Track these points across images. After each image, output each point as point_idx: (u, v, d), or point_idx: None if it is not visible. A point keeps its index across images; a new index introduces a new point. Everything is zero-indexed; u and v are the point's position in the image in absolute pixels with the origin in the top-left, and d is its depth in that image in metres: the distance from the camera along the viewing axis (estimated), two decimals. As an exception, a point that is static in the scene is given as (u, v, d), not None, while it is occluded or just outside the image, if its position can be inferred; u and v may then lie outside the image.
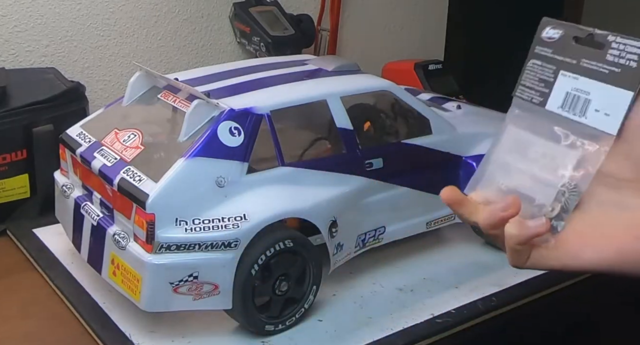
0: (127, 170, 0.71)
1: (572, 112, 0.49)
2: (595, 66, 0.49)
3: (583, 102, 0.49)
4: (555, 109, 0.50)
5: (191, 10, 1.28)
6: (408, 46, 1.59)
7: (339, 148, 0.79)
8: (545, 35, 0.53)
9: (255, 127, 0.72)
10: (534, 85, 0.52)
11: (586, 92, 0.49)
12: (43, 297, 0.81)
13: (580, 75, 0.50)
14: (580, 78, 0.50)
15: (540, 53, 0.53)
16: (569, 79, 0.50)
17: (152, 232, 0.67)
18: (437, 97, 1.05)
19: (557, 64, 0.51)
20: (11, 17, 1.10)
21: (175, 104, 0.77)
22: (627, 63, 0.47)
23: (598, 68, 0.49)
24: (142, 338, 0.72)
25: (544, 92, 0.51)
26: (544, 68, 0.52)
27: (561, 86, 0.50)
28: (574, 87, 0.50)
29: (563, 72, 0.51)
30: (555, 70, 0.51)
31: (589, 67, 0.49)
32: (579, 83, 0.50)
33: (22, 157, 0.95)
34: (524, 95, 0.53)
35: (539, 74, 0.52)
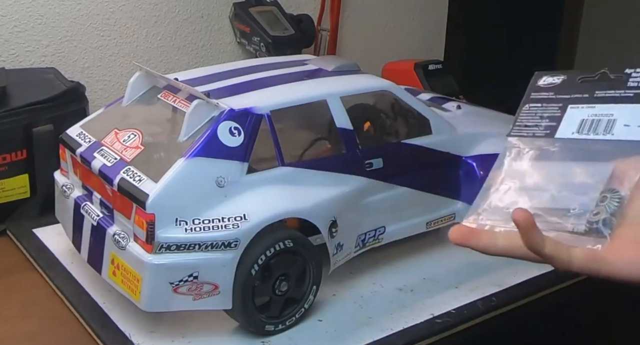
0: (127, 170, 0.71)
1: (594, 133, 0.51)
2: (616, 93, 0.52)
3: (607, 123, 0.51)
4: (569, 135, 0.52)
5: (191, 10, 1.28)
6: (408, 46, 1.59)
7: (339, 148, 0.79)
8: (542, 82, 0.57)
9: (255, 127, 0.72)
10: (535, 123, 0.54)
11: (608, 115, 0.51)
12: (43, 297, 0.81)
13: (596, 103, 0.53)
14: (597, 106, 0.52)
15: (538, 97, 0.56)
16: (581, 109, 0.53)
17: (152, 232, 0.67)
18: (437, 97, 1.05)
19: (563, 102, 0.54)
20: (11, 17, 1.10)
21: (175, 104, 0.77)
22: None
23: (619, 94, 0.52)
24: (142, 338, 0.72)
25: (550, 125, 0.53)
26: (546, 108, 0.55)
27: (572, 117, 0.53)
28: (591, 114, 0.52)
29: (572, 106, 0.54)
30: (561, 106, 0.54)
31: (607, 96, 0.52)
32: (597, 110, 0.52)
33: (22, 157, 0.95)
34: (522, 133, 0.54)
35: (540, 113, 0.55)
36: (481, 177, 0.88)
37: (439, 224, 0.89)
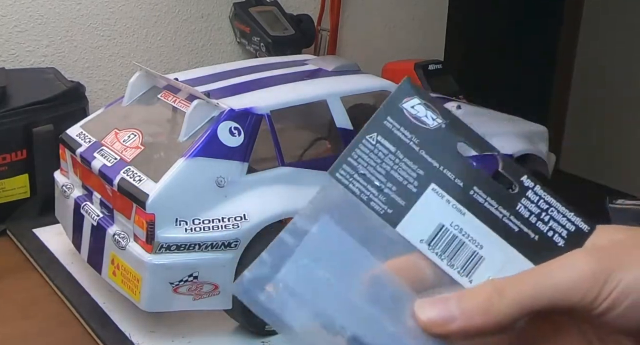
0: (127, 170, 0.71)
1: (449, 261, 0.34)
2: (499, 212, 0.35)
3: (470, 256, 0.34)
4: (416, 242, 0.34)
5: (191, 10, 1.28)
6: (408, 46, 1.58)
7: (339, 148, 0.79)
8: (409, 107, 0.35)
9: (255, 127, 0.72)
10: (373, 178, 0.35)
11: (478, 244, 0.34)
12: (43, 297, 0.81)
13: (470, 211, 0.35)
14: (468, 216, 0.35)
15: (394, 132, 0.35)
16: (446, 205, 0.35)
17: (152, 232, 0.67)
18: (437, 97, 1.05)
19: (427, 169, 0.35)
20: (11, 17, 1.10)
21: (175, 104, 0.77)
22: (550, 234, 0.35)
23: (502, 216, 0.35)
24: (142, 338, 0.72)
25: (395, 203, 0.34)
26: (400, 162, 0.35)
27: (430, 208, 0.35)
28: (457, 225, 0.34)
29: (436, 188, 0.35)
30: (423, 177, 0.35)
31: (486, 208, 0.35)
32: (467, 223, 0.34)
33: (22, 157, 0.95)
34: (353, 187, 0.35)
35: (389, 166, 0.35)
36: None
37: (439, 224, 0.88)
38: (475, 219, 0.34)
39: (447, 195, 0.35)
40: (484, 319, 0.31)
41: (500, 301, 0.31)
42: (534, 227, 0.35)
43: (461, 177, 0.35)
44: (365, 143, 0.35)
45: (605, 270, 0.31)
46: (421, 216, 0.34)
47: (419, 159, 0.35)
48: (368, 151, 0.35)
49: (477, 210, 0.35)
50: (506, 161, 0.36)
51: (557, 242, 0.35)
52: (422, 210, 0.34)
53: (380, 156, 0.35)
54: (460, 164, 0.35)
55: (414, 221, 0.34)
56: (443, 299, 0.33)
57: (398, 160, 0.35)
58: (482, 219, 0.34)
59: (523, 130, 0.98)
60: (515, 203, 0.35)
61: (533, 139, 0.97)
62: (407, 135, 0.35)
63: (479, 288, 0.33)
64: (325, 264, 0.34)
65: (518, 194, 0.35)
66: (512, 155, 0.90)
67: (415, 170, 0.35)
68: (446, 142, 0.35)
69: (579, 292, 0.31)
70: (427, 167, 0.35)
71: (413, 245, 0.34)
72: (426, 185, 0.35)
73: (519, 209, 0.35)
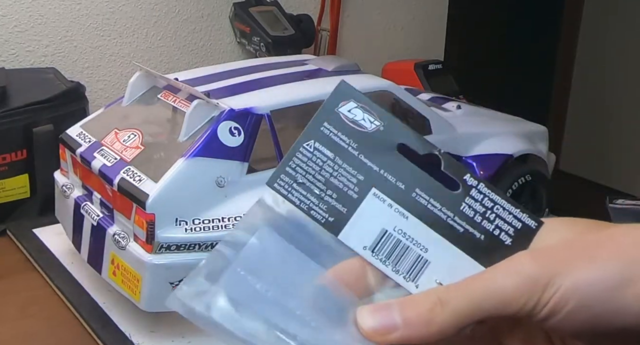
0: (127, 170, 0.71)
1: (393, 267, 0.33)
2: (442, 213, 0.34)
3: (415, 260, 0.34)
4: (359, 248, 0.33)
5: (191, 10, 1.28)
6: (408, 46, 1.59)
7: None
8: (346, 111, 0.34)
9: (255, 127, 0.72)
10: (312, 187, 0.34)
11: (423, 247, 0.33)
12: (43, 297, 0.81)
13: (413, 214, 0.34)
14: (412, 219, 0.34)
15: (331, 137, 0.34)
16: (388, 209, 0.34)
17: (152, 232, 0.67)
18: (437, 97, 1.05)
19: (366, 174, 0.34)
20: (11, 17, 1.10)
21: (175, 104, 0.77)
22: (497, 233, 0.34)
23: (446, 217, 0.34)
24: (142, 338, 0.72)
25: (336, 210, 0.34)
26: (340, 169, 0.34)
27: (372, 213, 0.34)
28: (400, 229, 0.33)
29: (377, 192, 0.34)
30: (363, 182, 0.34)
31: (429, 210, 0.34)
32: (410, 227, 0.33)
33: (22, 157, 0.95)
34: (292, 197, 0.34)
35: (327, 173, 0.34)
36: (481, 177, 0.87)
37: (439, 224, 0.88)
38: (419, 222, 0.34)
39: (388, 199, 0.34)
40: (427, 330, 0.31)
41: (443, 311, 0.31)
42: (480, 226, 0.34)
43: (402, 180, 0.34)
44: (302, 151, 0.34)
45: (547, 275, 0.31)
46: (363, 222, 0.34)
47: (359, 164, 0.34)
48: (306, 159, 0.34)
49: (421, 213, 0.34)
50: (448, 160, 0.35)
51: (504, 240, 0.34)
52: (364, 216, 0.34)
53: (319, 163, 0.34)
54: (401, 166, 0.34)
55: (356, 228, 0.34)
56: (385, 306, 0.32)
57: (337, 167, 0.34)
58: (426, 221, 0.34)
59: (523, 130, 0.98)
60: (459, 203, 0.34)
61: (533, 139, 0.97)
62: (345, 141, 0.34)
63: (422, 297, 0.32)
64: (265, 275, 0.33)
65: (462, 193, 0.34)
66: (512, 155, 0.90)
67: (355, 175, 0.34)
68: (385, 145, 0.34)
69: (520, 300, 0.31)
70: (367, 171, 0.34)
71: (356, 252, 0.33)
72: (367, 190, 0.34)
73: (463, 208, 0.34)
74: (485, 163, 0.88)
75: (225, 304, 0.33)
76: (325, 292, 0.33)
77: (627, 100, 2.14)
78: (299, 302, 0.33)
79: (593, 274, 0.31)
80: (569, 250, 0.32)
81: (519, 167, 0.90)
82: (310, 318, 0.32)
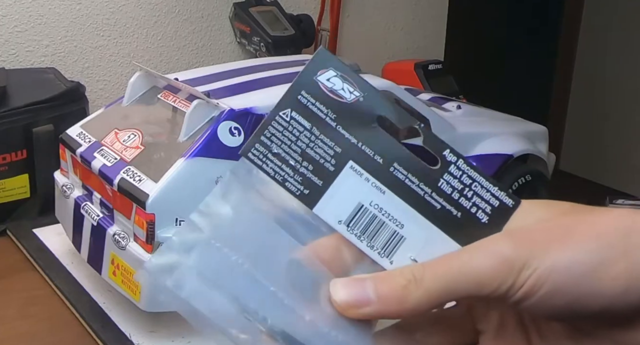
0: (127, 170, 0.71)
1: (368, 241, 0.33)
2: (420, 189, 0.33)
3: (391, 236, 0.33)
4: (334, 223, 0.33)
5: (191, 10, 1.28)
6: (408, 46, 1.59)
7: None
8: (324, 79, 0.33)
9: (255, 127, 0.72)
10: (288, 157, 0.33)
11: (398, 223, 0.33)
12: (43, 297, 0.81)
13: (390, 189, 0.33)
14: (388, 194, 0.33)
15: (309, 107, 0.33)
16: (365, 183, 0.33)
17: (152, 232, 0.67)
18: (437, 97, 1.05)
19: (343, 146, 0.33)
20: (11, 17, 1.10)
21: (175, 104, 0.77)
22: (474, 210, 0.33)
23: (423, 194, 0.33)
24: (142, 338, 0.72)
25: (311, 183, 0.32)
26: (316, 140, 0.33)
27: (348, 188, 0.33)
28: (377, 204, 0.33)
29: (354, 166, 0.33)
30: (339, 155, 0.33)
31: (407, 186, 0.33)
32: (387, 202, 0.33)
33: (22, 157, 0.95)
34: (267, 167, 0.33)
35: (304, 144, 0.33)
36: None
37: (439, 224, 0.88)
38: (396, 197, 0.33)
39: (365, 173, 0.33)
40: (400, 306, 0.31)
41: (417, 289, 0.31)
42: (457, 203, 0.33)
43: (380, 154, 0.33)
44: (278, 120, 0.33)
45: (522, 256, 0.31)
46: (339, 196, 0.33)
47: (336, 136, 0.33)
48: (282, 129, 0.33)
49: (398, 188, 0.33)
50: (428, 134, 0.34)
51: (481, 218, 0.33)
52: (340, 190, 0.33)
53: (295, 134, 0.33)
54: (379, 139, 0.33)
55: (331, 201, 0.33)
56: (359, 279, 0.32)
57: (314, 138, 0.33)
58: (403, 197, 0.33)
59: (523, 130, 0.98)
60: (437, 179, 0.33)
61: (533, 139, 0.97)
62: (323, 110, 0.33)
63: (397, 273, 0.32)
64: (240, 248, 0.32)
65: (440, 169, 0.33)
66: (512, 155, 0.90)
67: (332, 147, 0.33)
68: (364, 117, 0.33)
69: (495, 281, 0.31)
70: (344, 143, 0.33)
71: (331, 226, 0.33)
72: (344, 163, 0.33)
73: (440, 185, 0.33)
74: (485, 163, 0.88)
75: (196, 281, 0.32)
76: (301, 267, 0.32)
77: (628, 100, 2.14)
78: (273, 277, 0.32)
79: (569, 257, 0.31)
80: (546, 233, 0.32)
81: (519, 167, 0.90)
82: (284, 295, 0.32)
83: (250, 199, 0.33)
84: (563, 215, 0.34)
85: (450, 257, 0.32)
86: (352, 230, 0.33)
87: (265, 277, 0.32)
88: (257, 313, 0.31)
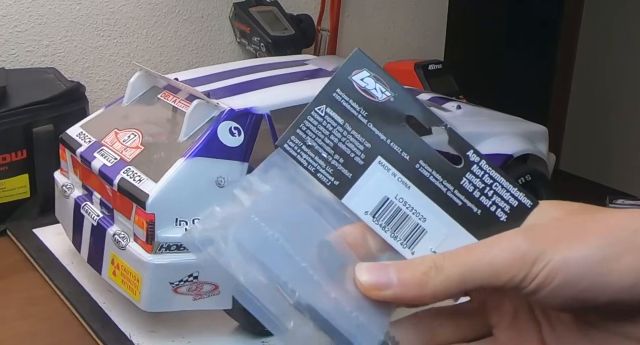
0: (127, 170, 0.71)
1: (392, 233, 0.35)
2: (443, 186, 0.35)
3: (413, 229, 0.35)
4: (361, 213, 0.35)
5: (191, 10, 1.28)
6: (408, 46, 1.59)
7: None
8: (359, 79, 0.35)
9: (255, 127, 0.72)
10: (322, 149, 0.35)
11: (420, 217, 0.35)
12: (43, 297, 0.81)
13: (415, 185, 0.35)
14: (413, 189, 0.35)
15: (342, 104, 0.35)
16: (392, 178, 0.35)
17: (152, 232, 0.67)
18: (437, 97, 1.05)
19: (374, 142, 0.35)
20: (11, 17, 1.10)
21: (175, 104, 0.77)
22: (493, 209, 0.35)
23: (446, 190, 0.35)
24: (142, 338, 0.72)
25: (341, 174, 0.35)
26: (348, 135, 0.35)
27: (375, 181, 0.35)
28: (401, 198, 0.35)
29: (382, 161, 0.35)
30: (370, 150, 0.35)
31: (431, 182, 0.35)
32: (411, 196, 0.35)
33: (22, 157, 0.95)
34: (301, 158, 0.35)
35: (336, 138, 0.35)
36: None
37: (439, 224, 0.89)
38: (420, 192, 0.35)
39: (393, 168, 0.35)
40: (419, 291, 0.33)
41: (436, 276, 0.33)
42: (478, 201, 0.35)
43: (407, 151, 0.35)
44: (314, 115, 0.35)
45: (536, 250, 0.32)
46: (367, 188, 0.35)
47: (367, 132, 0.35)
48: (317, 123, 0.35)
49: (422, 184, 0.35)
50: (453, 135, 0.36)
51: (500, 217, 0.35)
52: (368, 183, 0.35)
53: (329, 128, 0.35)
54: (407, 137, 0.36)
55: (359, 193, 0.35)
56: (383, 265, 0.34)
57: (346, 133, 0.35)
58: (427, 192, 0.35)
59: (523, 130, 0.98)
60: (460, 177, 0.35)
61: (533, 139, 0.97)
62: (355, 108, 0.35)
63: (418, 260, 0.34)
64: (277, 224, 0.34)
65: (463, 168, 0.35)
66: (512, 155, 0.90)
67: (362, 142, 0.35)
68: (394, 115, 0.35)
69: (508, 272, 0.32)
70: (374, 140, 0.35)
71: (358, 216, 0.35)
72: (373, 158, 0.35)
73: (463, 183, 0.35)
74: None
75: (235, 250, 0.34)
76: (331, 248, 0.34)
77: (628, 100, 2.14)
78: (305, 254, 0.34)
79: (580, 251, 0.32)
80: (558, 229, 0.34)
81: (519, 167, 0.90)
82: (313, 272, 0.33)
83: (288, 183, 0.35)
84: (574, 214, 0.35)
85: (469, 248, 0.34)
86: (377, 221, 0.35)
87: (298, 253, 0.34)
88: (287, 285, 0.33)
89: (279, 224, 0.34)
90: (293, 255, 0.33)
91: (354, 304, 0.33)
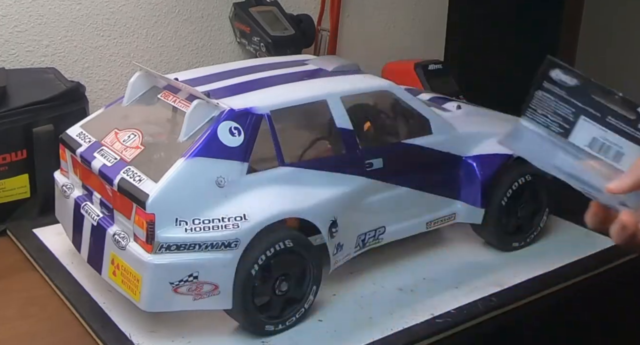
0: (127, 170, 0.71)
1: (605, 155, 0.57)
2: (626, 128, 0.57)
3: (615, 153, 0.57)
4: (582, 145, 0.58)
5: (191, 10, 1.28)
6: (408, 46, 1.58)
7: (339, 148, 0.79)
8: (555, 76, 0.59)
9: (255, 127, 0.72)
10: (548, 114, 0.59)
11: (618, 146, 0.57)
12: (43, 297, 0.81)
13: (608, 129, 0.57)
14: (609, 132, 0.57)
15: (550, 90, 0.59)
16: (593, 126, 0.58)
17: (152, 232, 0.67)
18: (437, 97, 1.05)
19: (576, 108, 0.58)
20: (11, 17, 1.10)
21: (175, 104, 0.77)
22: None
23: (630, 131, 0.57)
24: (142, 338, 0.72)
25: (563, 126, 0.59)
26: (558, 105, 0.59)
27: (584, 129, 0.58)
28: (603, 136, 0.58)
29: (585, 118, 0.58)
30: (574, 113, 0.58)
31: (618, 127, 0.57)
32: (608, 135, 0.58)
33: (22, 157, 0.95)
34: (537, 119, 0.60)
35: (553, 108, 0.59)
36: (481, 177, 0.88)
37: (439, 224, 0.89)
38: (614, 133, 0.57)
39: (592, 121, 0.58)
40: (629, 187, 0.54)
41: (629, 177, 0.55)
42: None
43: (598, 111, 0.57)
44: (536, 96, 0.59)
45: None
46: (580, 134, 0.58)
47: (569, 103, 0.58)
48: (539, 101, 0.59)
49: (614, 128, 0.57)
50: (624, 100, 0.56)
51: None
52: (580, 130, 0.58)
53: (547, 102, 0.59)
54: (595, 103, 0.57)
55: (577, 136, 0.58)
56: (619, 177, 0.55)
57: (557, 104, 0.59)
58: (618, 133, 0.57)
59: (523, 130, 0.98)
60: (636, 124, 0.56)
61: (533, 139, 0.97)
62: (558, 90, 0.58)
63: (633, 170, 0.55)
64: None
65: (636, 119, 0.56)
66: (512, 155, 0.89)
67: (569, 108, 0.58)
68: (583, 93, 0.58)
69: None
70: (575, 107, 0.58)
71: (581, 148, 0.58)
72: (578, 116, 0.58)
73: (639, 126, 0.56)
74: (485, 163, 0.88)
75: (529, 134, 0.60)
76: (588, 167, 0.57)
77: (627, 100, 2.13)
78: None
79: None
80: None
81: (519, 167, 0.90)
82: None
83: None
84: None
85: None
86: (593, 149, 0.57)
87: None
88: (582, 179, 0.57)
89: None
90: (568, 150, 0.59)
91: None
